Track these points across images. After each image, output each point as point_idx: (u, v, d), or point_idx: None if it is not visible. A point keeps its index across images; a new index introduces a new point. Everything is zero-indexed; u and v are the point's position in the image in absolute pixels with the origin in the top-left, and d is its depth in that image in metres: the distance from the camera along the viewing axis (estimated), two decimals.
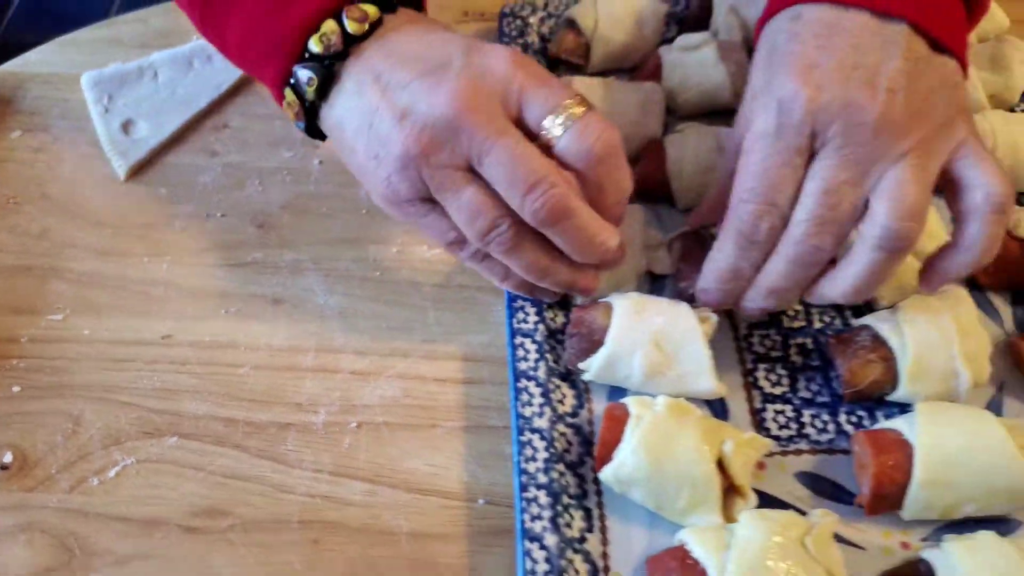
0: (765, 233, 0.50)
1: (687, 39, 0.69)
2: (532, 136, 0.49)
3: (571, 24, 0.72)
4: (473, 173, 0.49)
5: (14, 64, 0.75)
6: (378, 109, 0.50)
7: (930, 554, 0.47)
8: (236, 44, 0.55)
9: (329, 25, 0.51)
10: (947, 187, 0.51)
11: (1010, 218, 0.50)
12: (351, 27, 0.51)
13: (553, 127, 0.48)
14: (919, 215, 0.48)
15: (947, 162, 0.49)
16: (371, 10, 0.51)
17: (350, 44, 0.51)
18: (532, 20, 0.76)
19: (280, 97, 0.54)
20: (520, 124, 0.50)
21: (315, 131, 0.55)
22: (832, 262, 0.52)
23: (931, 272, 0.52)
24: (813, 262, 0.50)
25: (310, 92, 0.52)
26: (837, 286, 0.51)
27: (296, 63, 0.52)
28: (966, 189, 0.49)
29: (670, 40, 0.72)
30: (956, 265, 0.51)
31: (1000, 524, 0.50)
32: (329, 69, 0.51)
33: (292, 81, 0.52)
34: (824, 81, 0.48)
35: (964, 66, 0.51)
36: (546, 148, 0.50)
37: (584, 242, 0.50)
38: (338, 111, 0.52)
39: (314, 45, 0.51)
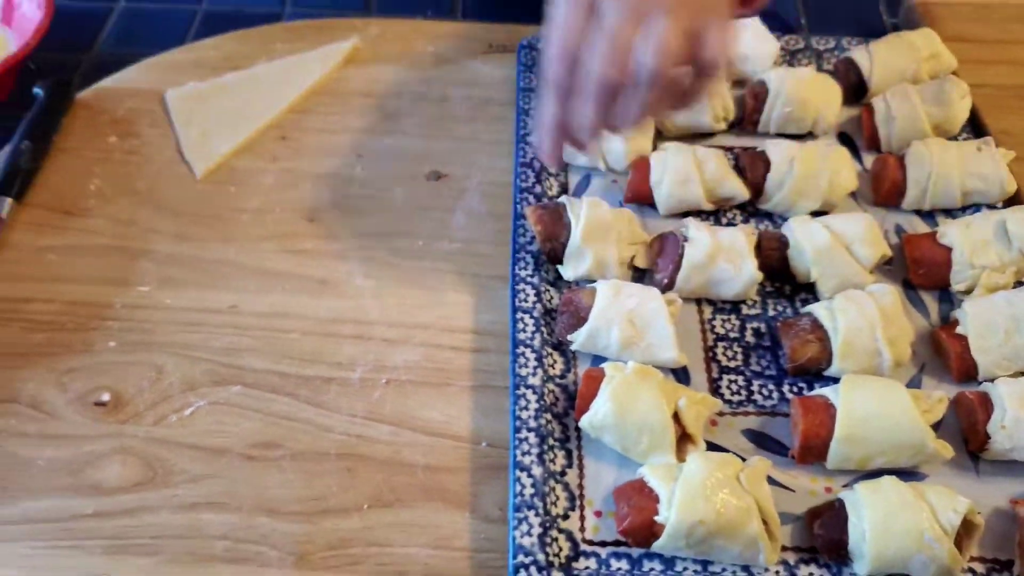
0: (567, 78, 0.60)
1: None
2: None
3: None
4: None
5: (110, 81, 0.90)
6: None
7: (844, 494, 0.58)
8: None
9: None
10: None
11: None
12: None
13: None
14: (670, 55, 0.57)
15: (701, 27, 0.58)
16: None
17: None
18: None
19: None
20: None
21: None
22: None
23: None
24: (607, 93, 0.59)
25: None
26: (623, 115, 0.60)
27: None
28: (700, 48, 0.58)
29: None
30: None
31: (909, 476, 0.60)
32: None
33: None
34: None
35: None
36: None
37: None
38: None
39: None
